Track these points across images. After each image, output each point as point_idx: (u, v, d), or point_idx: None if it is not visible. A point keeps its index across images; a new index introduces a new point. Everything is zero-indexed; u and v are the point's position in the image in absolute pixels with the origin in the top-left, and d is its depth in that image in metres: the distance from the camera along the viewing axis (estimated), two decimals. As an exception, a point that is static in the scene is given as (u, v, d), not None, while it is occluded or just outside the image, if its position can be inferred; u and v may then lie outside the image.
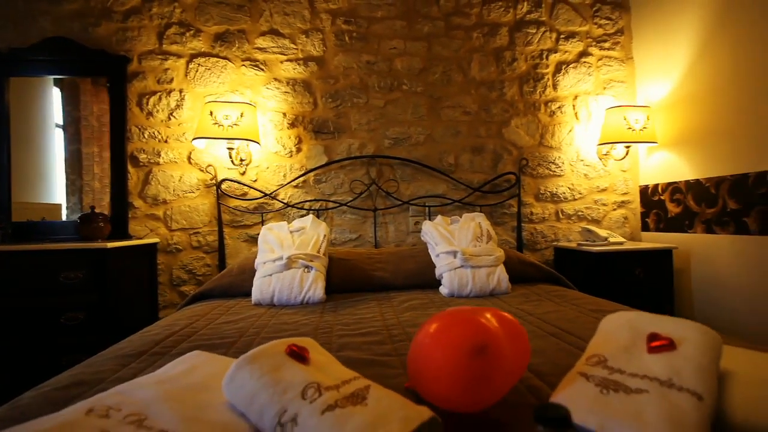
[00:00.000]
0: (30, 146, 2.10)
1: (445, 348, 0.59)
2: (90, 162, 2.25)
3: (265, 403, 0.51)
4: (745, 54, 1.79)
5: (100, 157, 2.22)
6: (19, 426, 0.48)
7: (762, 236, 1.74)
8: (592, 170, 2.40)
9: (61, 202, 2.14)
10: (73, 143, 2.18)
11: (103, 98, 2.19)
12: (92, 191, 2.21)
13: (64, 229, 2.04)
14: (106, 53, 2.07)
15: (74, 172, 2.20)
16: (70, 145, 2.16)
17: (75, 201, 2.23)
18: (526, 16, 2.37)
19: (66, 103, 2.22)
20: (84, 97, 2.24)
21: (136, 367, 0.87)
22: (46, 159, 2.13)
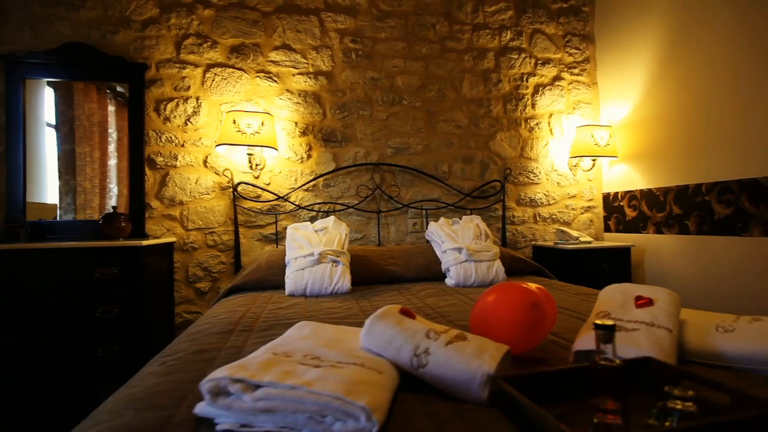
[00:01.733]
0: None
1: (508, 306, 0.84)
2: (82, 162, 2.32)
3: (402, 343, 0.73)
4: (688, 85, 2.20)
5: (91, 157, 2.30)
6: (242, 360, 0.67)
7: (699, 236, 2.15)
8: (563, 179, 2.77)
9: (55, 201, 2.16)
10: (66, 143, 2.23)
11: (92, 97, 2.28)
12: (84, 192, 2.28)
13: (79, 229, 2.10)
14: (126, 60, 2.17)
15: (68, 172, 2.26)
16: (63, 145, 2.20)
17: (69, 201, 2.28)
18: (510, 43, 2.70)
19: (60, 102, 2.27)
20: (77, 97, 2.30)
21: (237, 339, 1.05)
22: (38, 158, 2.16)
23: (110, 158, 2.33)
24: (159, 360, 0.94)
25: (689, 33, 2.18)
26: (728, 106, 1.99)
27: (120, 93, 2.23)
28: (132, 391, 0.75)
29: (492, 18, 2.68)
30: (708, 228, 2.10)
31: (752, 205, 1.90)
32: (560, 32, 2.79)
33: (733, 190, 1.98)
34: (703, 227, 2.13)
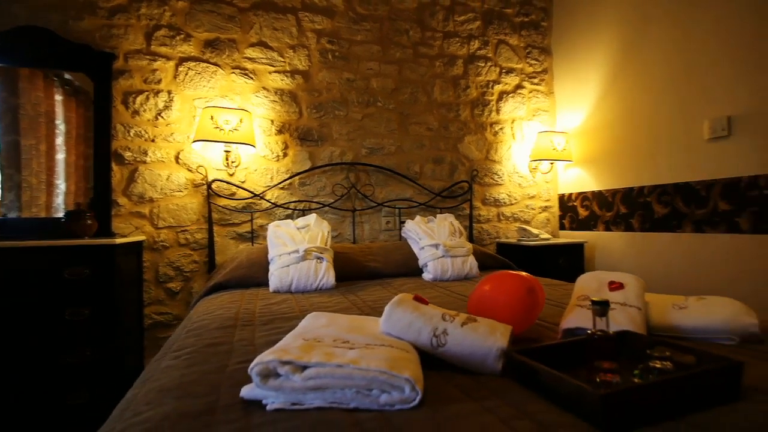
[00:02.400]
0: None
1: (506, 292, 0.94)
2: (28, 155, 2.17)
3: (421, 326, 0.80)
4: (633, 98, 2.46)
5: (37, 150, 2.17)
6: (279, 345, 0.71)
7: (642, 233, 2.42)
8: (524, 181, 2.98)
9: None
10: (10, 134, 2.08)
11: (38, 85, 2.15)
12: (30, 188, 2.15)
13: (30, 227, 1.96)
14: (91, 48, 2.06)
15: (11, 165, 2.11)
16: (6, 136, 2.05)
17: (12, 198, 2.13)
18: (477, 51, 2.87)
19: (2, 89, 2.12)
20: (22, 84, 2.15)
21: (244, 332, 1.07)
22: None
23: (58, 152, 2.20)
24: (170, 355, 0.94)
25: (634, 53, 2.45)
26: (665, 118, 2.27)
27: (68, 81, 2.10)
28: (159, 384, 0.76)
29: (461, 27, 2.83)
30: (649, 225, 2.37)
31: (685, 205, 2.18)
32: (522, 44, 3.00)
33: (669, 193, 2.26)
34: (645, 225, 2.40)
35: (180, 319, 2.18)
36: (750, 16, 1.88)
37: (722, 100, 2.00)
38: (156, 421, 0.60)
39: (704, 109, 2.07)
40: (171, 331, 2.15)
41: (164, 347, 1.10)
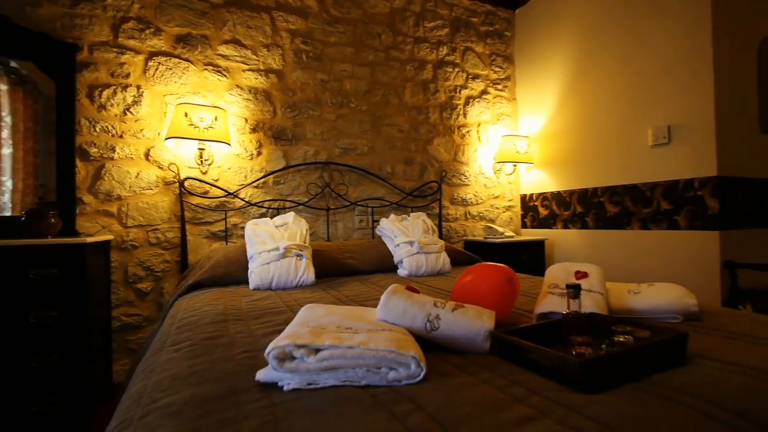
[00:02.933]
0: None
1: (487, 281, 1.04)
2: None
3: (416, 313, 0.88)
4: (587, 107, 2.68)
5: None
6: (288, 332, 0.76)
7: (596, 230, 2.64)
8: (489, 182, 3.14)
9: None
10: None
11: None
12: None
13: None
14: (50, 38, 1.96)
15: None
16: None
17: None
18: (446, 57, 2.99)
19: None
20: None
21: (238, 326, 1.10)
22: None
23: (3, 147, 2.08)
24: (167, 349, 0.95)
25: (589, 66, 2.66)
26: (615, 126, 2.49)
27: (14, 70, 1.99)
28: (170, 373, 0.78)
29: (431, 33, 2.94)
30: (602, 223, 2.60)
31: (633, 205, 2.41)
32: (487, 51, 3.16)
33: (620, 193, 2.48)
34: (599, 223, 2.62)
35: (151, 320, 2.13)
36: (684, 41, 2.13)
37: (663, 111, 2.23)
38: (180, 405, 0.63)
39: (648, 118, 2.31)
40: (142, 333, 2.09)
41: (154, 344, 1.10)
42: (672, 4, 2.19)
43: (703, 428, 0.55)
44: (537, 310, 1.09)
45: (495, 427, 0.55)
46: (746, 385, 0.67)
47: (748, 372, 0.72)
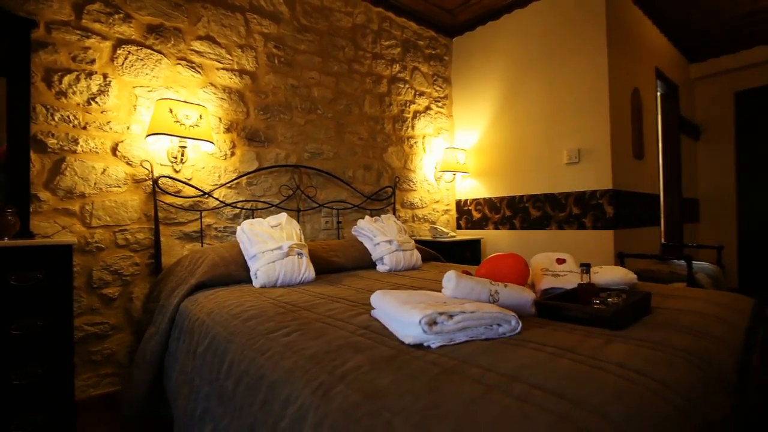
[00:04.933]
0: None
1: (511, 264, 1.36)
2: None
3: (481, 289, 1.13)
4: (515, 125, 3.25)
5: None
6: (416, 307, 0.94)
7: (521, 230, 3.21)
8: (432, 188, 3.54)
9: None
10: None
11: None
12: None
13: None
14: (2, 9, 1.72)
15: None
16: None
17: None
18: (398, 74, 3.30)
19: None
20: None
21: (311, 314, 1.21)
22: None
23: None
24: (276, 335, 1.04)
25: (516, 93, 3.24)
26: (538, 145, 3.09)
27: None
28: (312, 351, 0.91)
29: (386, 51, 3.22)
30: (527, 225, 3.17)
31: (551, 210, 3.02)
32: (430, 72, 3.56)
33: (541, 200, 3.08)
34: (524, 224, 3.20)
35: (118, 328, 1.98)
36: (589, 84, 2.79)
37: (575, 137, 2.88)
38: (368, 364, 0.79)
39: (564, 141, 2.94)
40: (108, 343, 1.93)
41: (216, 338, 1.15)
42: (579, 54, 2.84)
43: (685, 340, 0.92)
44: (540, 287, 1.44)
45: (591, 349, 0.84)
46: (690, 318, 1.09)
47: (687, 311, 1.15)
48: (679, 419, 0.63)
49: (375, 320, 1.12)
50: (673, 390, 0.68)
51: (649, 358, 0.80)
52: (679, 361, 0.80)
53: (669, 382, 0.71)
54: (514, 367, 0.76)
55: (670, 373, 0.74)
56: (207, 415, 1.09)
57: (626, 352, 0.83)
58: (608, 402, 0.62)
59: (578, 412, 0.59)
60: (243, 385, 0.95)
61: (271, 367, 0.91)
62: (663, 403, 0.65)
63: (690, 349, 0.87)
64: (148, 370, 1.57)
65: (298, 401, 0.77)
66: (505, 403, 0.63)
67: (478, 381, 0.71)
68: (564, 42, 2.93)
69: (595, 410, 0.60)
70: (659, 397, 0.66)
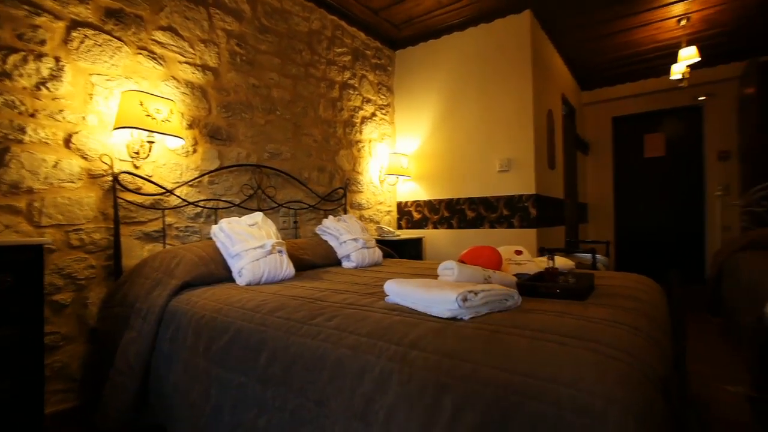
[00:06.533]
0: None
1: (488, 254, 1.62)
2: None
3: (478, 275, 1.37)
4: (453, 134, 3.62)
5: None
6: (445, 287, 1.13)
7: (458, 230, 3.59)
8: (377, 190, 3.75)
9: None
10: None
11: None
12: None
13: None
14: (-65, -23, 1.49)
15: None
16: None
17: None
18: (348, 80, 3.45)
19: None
20: None
21: (334, 301, 1.33)
22: None
23: None
24: (307, 324, 1.15)
25: (455, 105, 3.61)
26: (474, 153, 3.50)
27: None
28: (360, 332, 1.04)
29: (338, 57, 3.35)
30: (464, 224, 3.56)
31: (485, 211, 3.45)
32: (376, 81, 3.78)
33: (476, 203, 3.50)
34: (461, 224, 3.58)
35: (70, 338, 1.81)
36: (517, 101, 3.27)
37: (505, 147, 3.34)
38: (419, 333, 0.97)
39: (496, 150, 3.38)
40: (58, 356, 1.77)
41: (248, 331, 1.21)
42: (509, 77, 3.31)
43: (628, 302, 1.26)
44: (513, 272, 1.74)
45: (578, 311, 1.13)
46: (623, 290, 1.47)
47: (618, 286, 1.53)
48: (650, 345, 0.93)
49: (396, 304, 1.29)
50: (643, 330, 0.99)
51: (617, 313, 1.11)
52: (632, 314, 1.12)
53: (638, 325, 1.01)
54: (539, 325, 1.00)
55: (641, 320, 1.05)
56: (243, 403, 1.14)
57: (602, 312, 1.13)
58: (615, 339, 0.89)
59: (603, 347, 0.85)
60: (298, 367, 1.05)
61: (331, 347, 1.02)
62: (647, 340, 0.94)
63: (636, 307, 1.20)
64: (135, 376, 1.51)
65: (377, 369, 0.91)
66: (551, 345, 0.86)
67: (521, 336, 0.93)
68: (497, 65, 3.38)
69: (611, 345, 0.86)
70: (642, 333, 0.95)
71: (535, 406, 0.72)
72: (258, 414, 1.09)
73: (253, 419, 1.09)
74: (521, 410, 0.72)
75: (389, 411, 0.86)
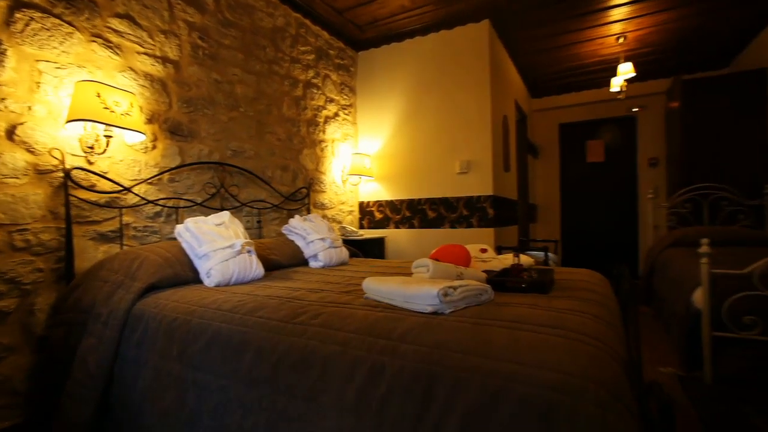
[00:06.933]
0: None
1: (457, 252, 1.71)
2: None
3: (451, 271, 1.44)
4: (415, 136, 3.72)
5: None
6: (425, 283, 1.18)
7: (420, 229, 3.69)
8: (339, 190, 3.76)
9: None
10: None
11: None
12: None
13: None
14: None
15: None
16: None
17: None
18: (312, 79, 3.43)
19: None
20: None
21: (314, 299, 1.34)
22: None
23: None
24: (291, 324, 1.15)
25: (417, 110, 3.71)
26: (435, 155, 3.61)
27: None
28: (347, 329, 1.07)
29: (302, 56, 3.32)
30: (425, 224, 3.67)
31: (445, 211, 3.57)
32: (339, 81, 3.78)
33: (437, 203, 3.61)
34: (423, 224, 3.68)
35: (13, 349, 1.66)
36: (476, 107, 3.42)
37: (465, 150, 3.48)
38: (405, 327, 1.02)
39: (457, 153, 3.52)
40: (0, 369, 1.61)
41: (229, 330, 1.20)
42: (469, 82, 3.46)
43: (585, 294, 1.40)
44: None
45: (546, 303, 1.23)
46: (580, 283, 1.61)
47: (575, 280, 1.68)
48: (611, 331, 1.04)
49: (376, 301, 1.32)
50: (603, 319, 1.10)
51: (580, 304, 1.22)
52: (592, 304, 1.24)
53: (598, 314, 1.13)
54: (514, 317, 1.08)
55: (599, 310, 1.16)
56: (226, 406, 1.12)
57: (567, 303, 1.24)
58: (582, 327, 0.99)
59: (572, 333, 0.94)
60: (286, 366, 1.05)
61: (319, 344, 1.04)
62: (608, 327, 1.05)
63: (593, 299, 1.33)
64: (96, 385, 1.42)
65: (367, 363, 0.95)
66: (528, 334, 0.94)
67: (500, 326, 1.01)
68: (458, 70, 3.52)
69: (580, 332, 0.96)
70: (602, 321, 1.06)
71: (522, 388, 0.79)
72: (243, 415, 1.08)
73: (238, 421, 1.08)
74: (509, 393, 0.79)
75: (382, 402, 0.90)
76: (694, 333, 2.14)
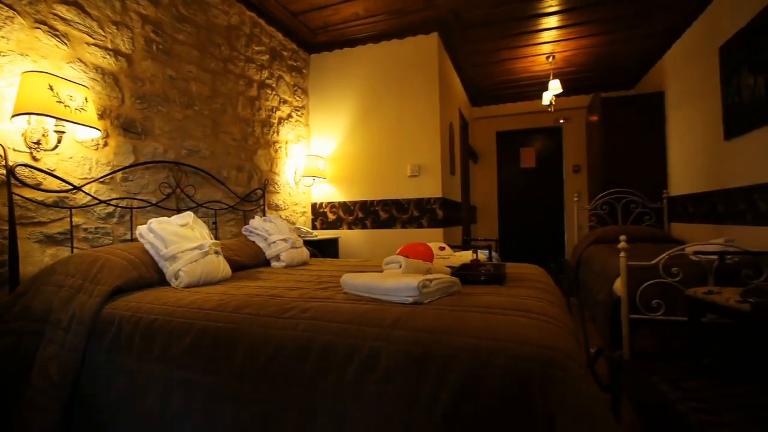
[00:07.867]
0: None
1: (422, 250, 1.86)
2: None
3: (421, 266, 1.58)
4: (370, 139, 3.84)
5: None
6: (404, 277, 1.30)
7: (372, 230, 3.82)
8: (292, 191, 3.77)
9: None
10: None
11: None
12: None
13: None
14: None
15: None
16: None
17: None
18: (266, 80, 3.41)
19: None
20: None
21: (294, 295, 1.40)
22: None
23: None
24: (281, 318, 1.22)
25: (370, 114, 3.83)
26: (388, 158, 3.76)
27: None
28: (339, 319, 1.17)
29: (257, 56, 3.29)
30: (377, 225, 3.80)
31: (397, 212, 3.74)
32: (292, 82, 3.79)
33: (389, 204, 3.77)
34: (375, 225, 3.82)
35: (-52, 362, 1.51)
36: (427, 114, 3.63)
37: (416, 154, 3.67)
38: (394, 315, 1.14)
39: (408, 157, 3.70)
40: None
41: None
42: (420, 89, 3.66)
43: (533, 284, 1.62)
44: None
45: (507, 292, 1.42)
46: (528, 276, 1.84)
47: (524, 273, 1.91)
48: (564, 313, 1.24)
49: (356, 295, 1.42)
50: (555, 303, 1.31)
51: (534, 292, 1.43)
52: (543, 292, 1.45)
53: (551, 299, 1.33)
54: (484, 303, 1.24)
55: (550, 296, 1.37)
56: (216, 402, 1.16)
57: (523, 291, 1.44)
58: (541, 309, 1.18)
59: (534, 315, 1.12)
60: (282, 357, 1.11)
61: (314, 335, 1.12)
62: (560, 309, 1.25)
63: (542, 288, 1.55)
64: (60, 394, 1.35)
65: (364, 349, 1.05)
66: (499, 317, 1.11)
67: (474, 312, 1.16)
68: (409, 78, 3.70)
69: (540, 313, 1.14)
70: (555, 305, 1.26)
71: (501, 360, 0.94)
72: (238, 408, 1.13)
73: (233, 414, 1.12)
74: (491, 364, 0.94)
75: (380, 384, 1.00)
76: (615, 317, 2.50)
